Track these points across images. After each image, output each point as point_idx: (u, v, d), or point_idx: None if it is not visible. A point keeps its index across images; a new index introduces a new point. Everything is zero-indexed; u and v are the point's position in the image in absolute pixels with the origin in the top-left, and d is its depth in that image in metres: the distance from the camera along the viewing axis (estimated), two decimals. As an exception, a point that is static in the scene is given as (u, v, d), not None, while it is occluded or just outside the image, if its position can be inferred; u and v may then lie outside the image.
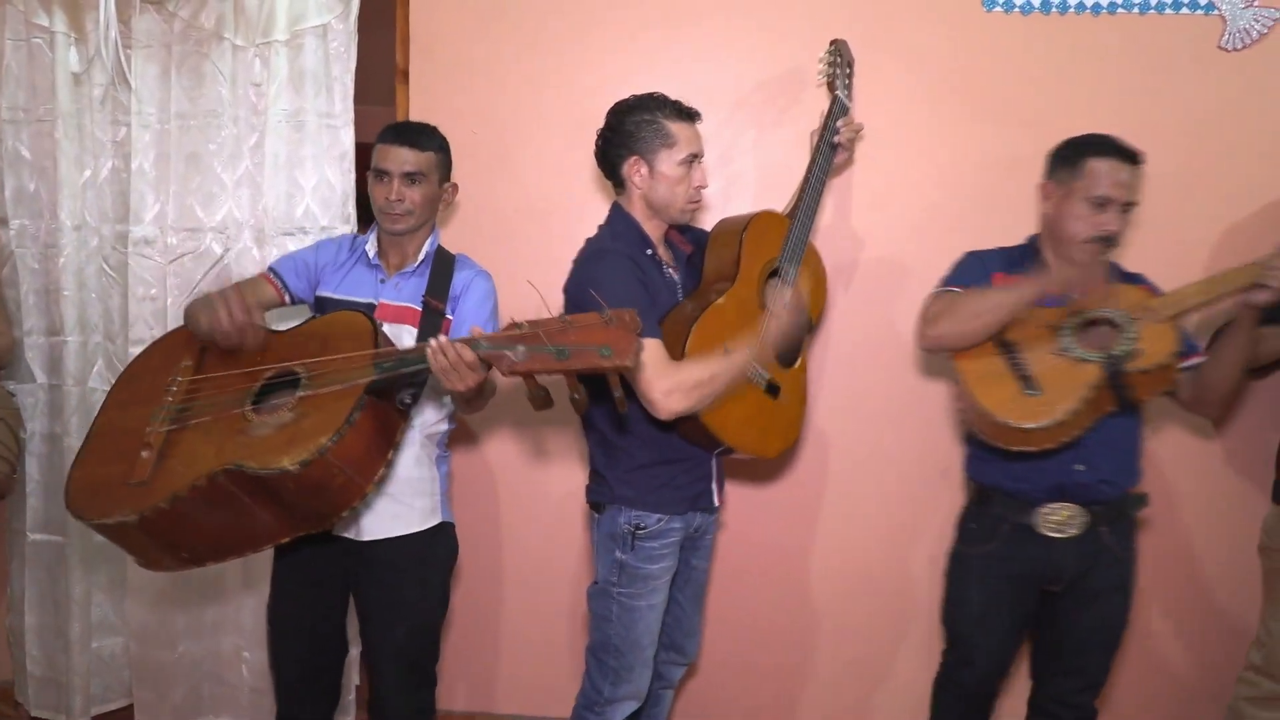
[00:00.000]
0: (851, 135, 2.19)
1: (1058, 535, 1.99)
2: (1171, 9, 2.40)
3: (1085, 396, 1.83)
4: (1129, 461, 2.03)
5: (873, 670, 2.65)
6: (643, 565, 1.94)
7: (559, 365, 1.44)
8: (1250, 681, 2.32)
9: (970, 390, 1.94)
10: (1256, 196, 2.37)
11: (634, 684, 2.00)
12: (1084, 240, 1.97)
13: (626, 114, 1.94)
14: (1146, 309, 1.91)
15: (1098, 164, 1.97)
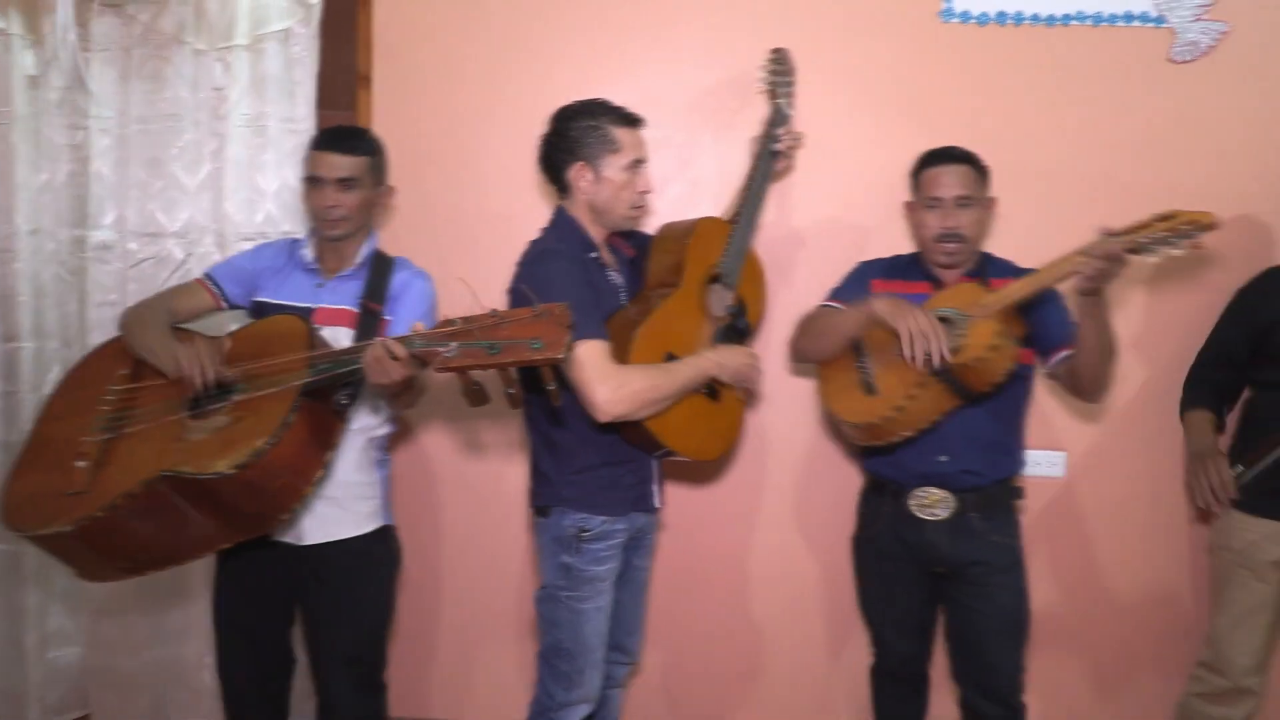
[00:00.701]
0: (791, 143, 2.23)
1: (929, 518, 2.13)
2: (1123, 21, 2.45)
3: (913, 393, 1.97)
4: (994, 453, 2.13)
5: (817, 670, 2.68)
6: (589, 568, 1.96)
7: (491, 360, 1.46)
8: (1200, 678, 2.38)
9: (821, 393, 2.18)
10: (1205, 206, 2.41)
11: (586, 687, 2.02)
12: (934, 240, 2.12)
13: (571, 119, 1.96)
14: (979, 305, 1.99)
15: (927, 172, 2.15)
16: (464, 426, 2.63)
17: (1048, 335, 2.12)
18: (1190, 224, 1.84)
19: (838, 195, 2.53)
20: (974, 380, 1.97)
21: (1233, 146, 2.45)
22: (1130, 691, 2.65)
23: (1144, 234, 1.86)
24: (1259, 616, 2.27)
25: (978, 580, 2.14)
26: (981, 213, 2.16)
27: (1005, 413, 2.15)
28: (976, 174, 2.15)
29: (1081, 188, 2.46)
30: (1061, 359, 2.10)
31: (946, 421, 2.06)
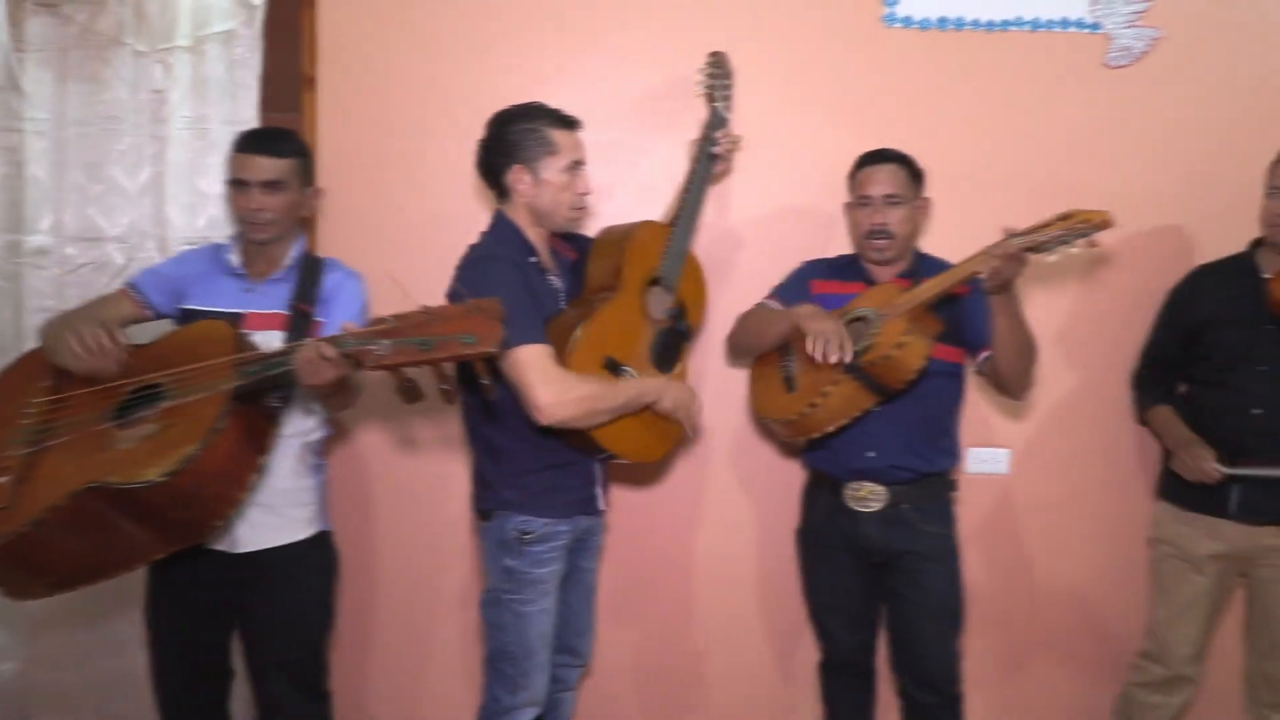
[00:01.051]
0: (730, 146, 2.26)
1: (862, 509, 2.19)
2: (1060, 27, 2.51)
3: (827, 390, 2.04)
4: (922, 449, 2.19)
5: (768, 666, 2.70)
6: (531, 570, 1.96)
7: (423, 356, 1.47)
8: (1140, 667, 2.45)
9: (750, 390, 2.27)
10: (1140, 210, 2.48)
11: (532, 690, 2.02)
12: (865, 237, 2.21)
13: (508, 123, 1.97)
14: (893, 305, 2.06)
15: (861, 172, 2.24)
16: (404, 430, 2.61)
17: (973, 335, 2.18)
18: (1085, 223, 1.89)
19: (779, 197, 2.55)
20: (887, 377, 2.02)
21: (1164, 150, 2.51)
22: (1070, 681, 2.70)
23: (1043, 233, 1.92)
24: (1197, 608, 2.34)
25: (910, 569, 2.20)
26: (912, 212, 2.22)
27: (934, 410, 2.21)
28: (908, 174, 2.21)
29: (1019, 190, 2.51)
30: (986, 358, 2.17)
31: (875, 419, 2.12)
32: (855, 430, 2.13)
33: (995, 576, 2.66)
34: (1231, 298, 2.27)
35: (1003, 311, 2.03)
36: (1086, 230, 1.90)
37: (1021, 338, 2.07)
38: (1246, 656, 2.44)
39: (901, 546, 2.19)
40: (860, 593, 2.29)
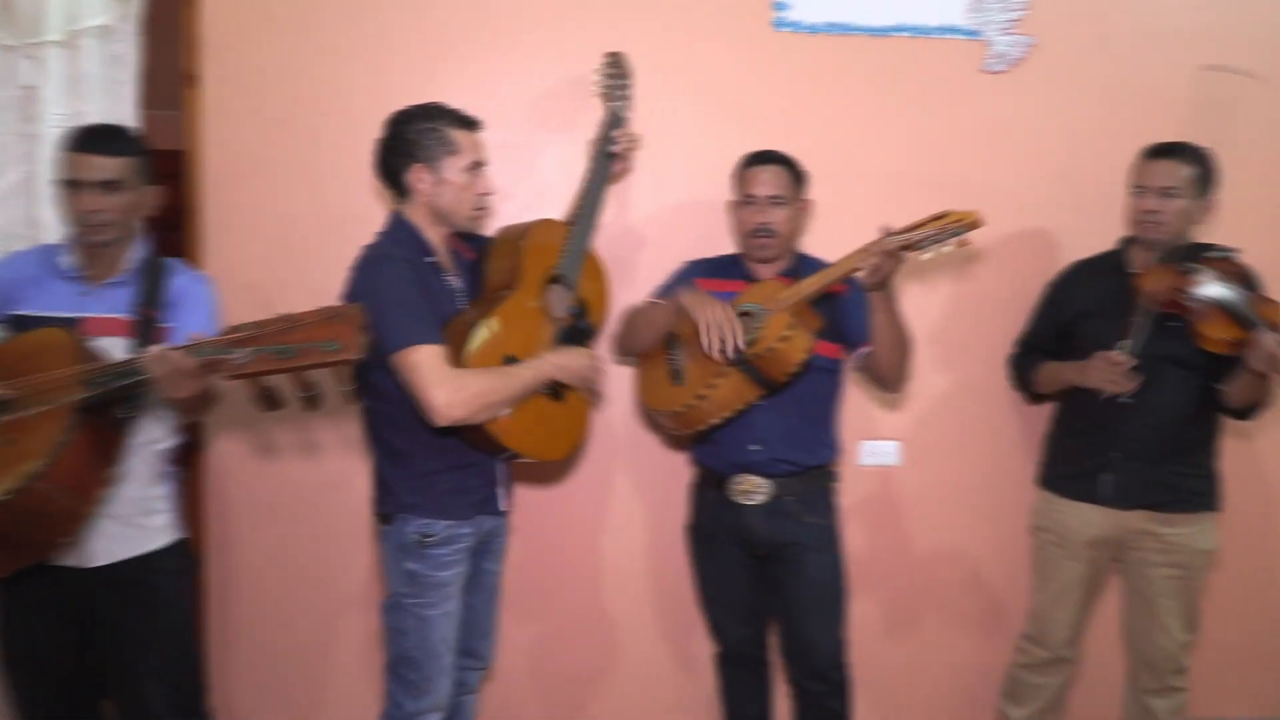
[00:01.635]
0: (628, 145, 2.28)
1: (747, 502, 2.24)
2: (940, 33, 2.60)
3: (713, 382, 2.08)
4: (804, 443, 2.25)
5: (669, 662, 2.74)
6: (433, 573, 1.95)
7: (285, 364, 1.44)
8: (1024, 649, 2.55)
9: (636, 384, 2.29)
10: (1016, 210, 2.59)
11: (435, 695, 2.00)
12: (748, 235, 2.26)
13: (407, 123, 1.95)
14: (776, 300, 2.11)
15: (746, 172, 2.29)
16: (302, 437, 2.56)
17: (851, 331, 2.24)
18: (958, 222, 1.99)
19: (676, 196, 2.59)
20: (771, 370, 2.07)
21: (1039, 152, 2.63)
22: (965, 663, 2.81)
23: (918, 232, 2.01)
24: (1073, 593, 2.44)
25: (794, 560, 2.25)
26: (795, 212, 2.28)
27: (814, 405, 2.28)
28: (792, 176, 2.27)
29: (901, 191, 2.58)
30: (864, 353, 2.23)
31: (758, 414, 2.16)
32: (740, 425, 2.17)
33: (890, 564, 2.74)
34: (1102, 292, 2.37)
35: (881, 308, 2.11)
36: (959, 230, 1.99)
37: (898, 333, 2.15)
38: (1125, 641, 2.55)
39: (785, 538, 2.24)
40: (748, 585, 2.33)
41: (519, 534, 2.53)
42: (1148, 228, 2.30)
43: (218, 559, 2.55)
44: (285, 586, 2.60)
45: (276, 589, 2.59)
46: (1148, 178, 2.30)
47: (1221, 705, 2.90)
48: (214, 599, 2.57)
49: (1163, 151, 2.30)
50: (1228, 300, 2.16)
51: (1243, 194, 2.49)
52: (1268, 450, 2.80)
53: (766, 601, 2.36)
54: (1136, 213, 2.33)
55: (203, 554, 2.53)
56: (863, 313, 2.20)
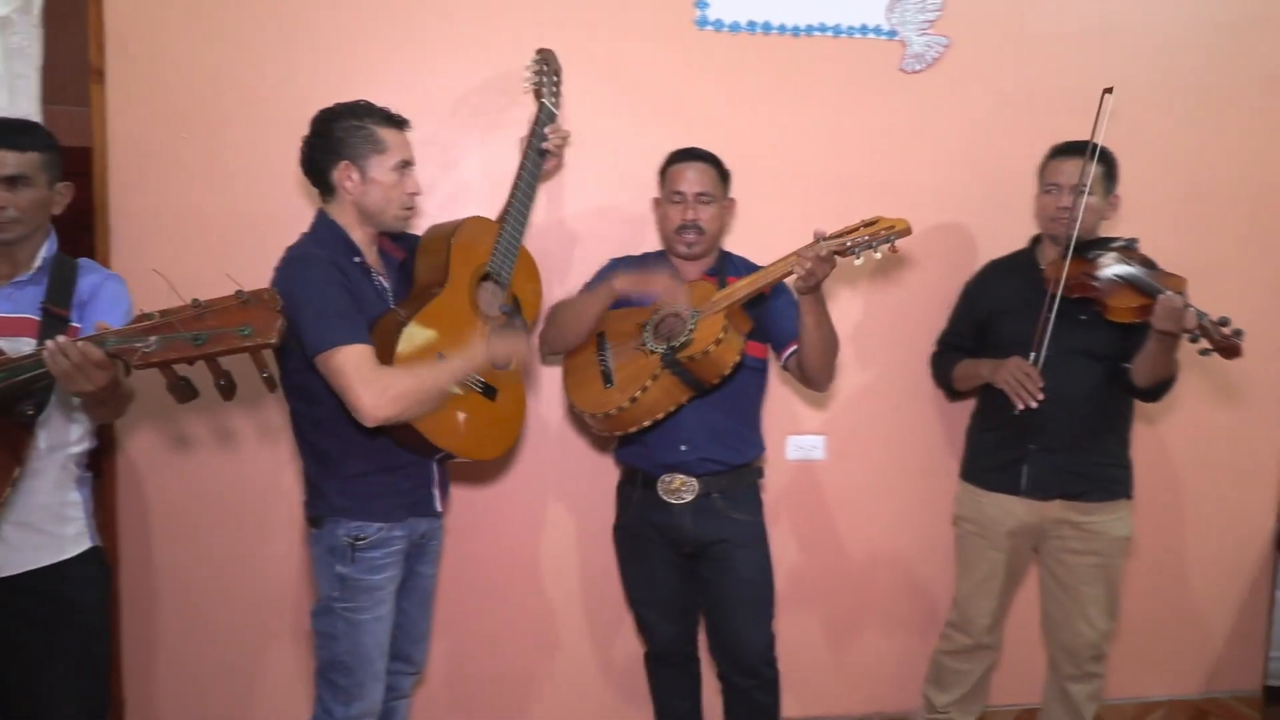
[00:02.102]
0: (559, 142, 2.27)
1: (675, 501, 2.25)
2: (859, 33, 2.64)
3: (646, 385, 2.08)
4: (731, 441, 2.27)
5: (600, 661, 2.74)
6: (365, 576, 1.91)
7: (197, 351, 1.41)
8: (948, 636, 2.60)
9: (564, 385, 2.26)
10: (930, 199, 2.65)
11: (367, 700, 1.96)
12: (675, 232, 2.27)
13: (334, 120, 1.92)
14: (708, 302, 2.13)
15: (672, 169, 2.31)
16: (228, 441, 2.49)
17: (779, 331, 2.27)
18: (889, 229, 2.03)
19: (607, 193, 2.58)
20: (703, 372, 2.09)
21: (955, 151, 2.69)
22: (891, 650, 2.86)
23: (849, 238, 2.03)
24: (995, 581, 2.50)
25: (721, 556, 2.26)
26: (721, 210, 2.30)
27: (741, 404, 2.30)
28: (718, 173, 2.29)
29: (822, 189, 2.64)
30: (791, 352, 2.25)
31: (686, 414, 2.17)
32: (668, 425, 2.18)
33: (817, 557, 2.78)
34: (1016, 289, 2.43)
35: (811, 310, 2.12)
36: (890, 236, 2.03)
37: (827, 334, 2.17)
38: (1044, 629, 2.61)
39: (714, 535, 2.25)
40: (676, 584, 2.34)
41: (455, 534, 2.51)
42: (1060, 224, 2.36)
43: (135, 565, 2.47)
44: (207, 591, 2.52)
45: (198, 594, 2.52)
46: (1059, 176, 2.36)
47: (1138, 686, 3.00)
48: (133, 607, 2.49)
49: (1072, 150, 2.37)
50: (1131, 275, 2.26)
51: (1139, 192, 2.58)
52: (1171, 434, 2.91)
53: (695, 599, 2.37)
54: (1049, 210, 2.38)
55: (118, 561, 2.45)
56: (789, 313, 2.23)
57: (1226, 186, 2.81)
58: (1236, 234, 2.84)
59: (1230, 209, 2.83)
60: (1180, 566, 2.97)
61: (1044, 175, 2.40)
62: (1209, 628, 3.01)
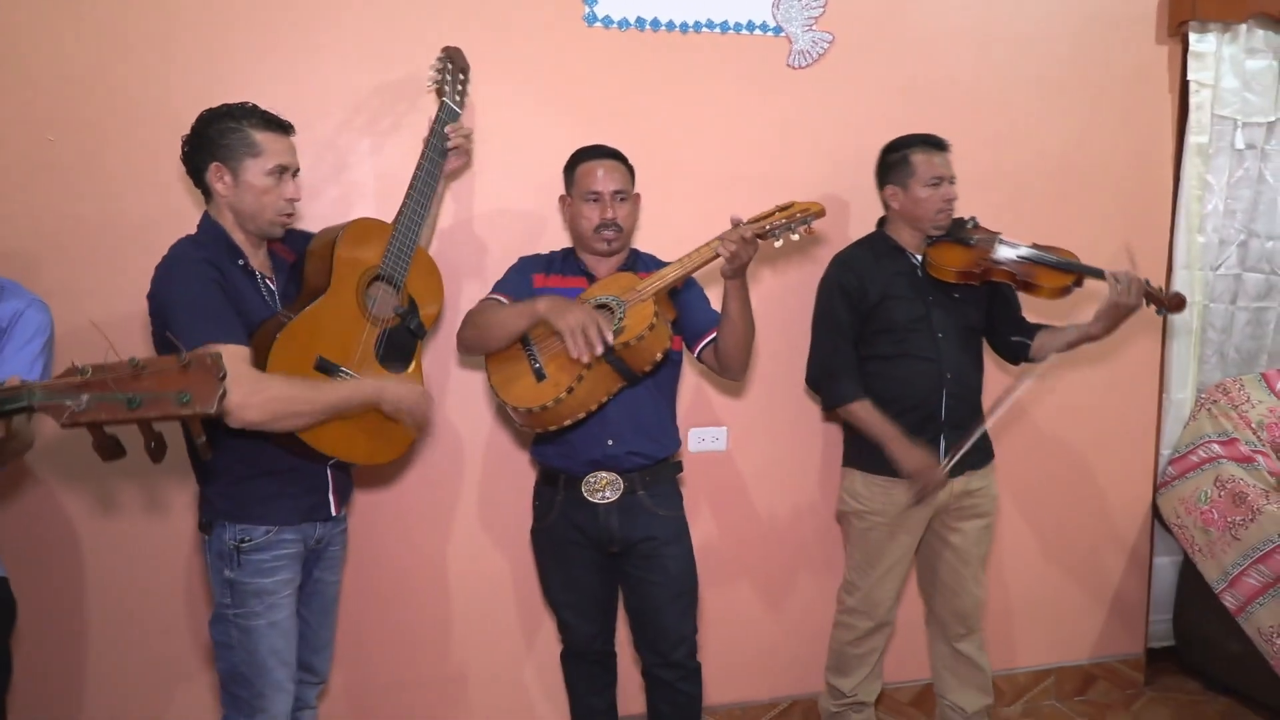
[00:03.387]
0: (460, 141, 2.24)
1: (600, 501, 2.24)
2: (746, 30, 2.68)
3: (581, 375, 2.06)
4: (656, 434, 2.27)
5: (514, 662, 2.72)
6: (253, 580, 1.89)
7: (131, 415, 1.29)
8: (848, 624, 2.65)
9: (493, 385, 2.18)
10: (816, 192, 2.69)
11: (270, 712, 1.92)
12: (594, 231, 2.25)
13: (211, 121, 1.89)
14: (634, 291, 2.15)
15: (584, 167, 2.29)
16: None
17: (693, 322, 2.29)
18: (805, 212, 2.12)
19: (511, 191, 2.57)
20: (635, 360, 2.09)
21: (839, 143, 2.75)
22: (796, 632, 2.92)
23: (768, 221, 2.10)
24: (903, 565, 2.58)
25: (649, 554, 2.27)
26: (634, 207, 2.32)
27: (661, 395, 2.31)
28: (628, 170, 2.31)
29: (713, 183, 2.67)
30: (709, 343, 2.27)
31: (610, 409, 2.17)
32: (594, 420, 2.16)
33: (721, 547, 2.81)
34: (894, 275, 2.49)
35: (736, 295, 2.14)
36: (807, 218, 2.11)
37: (748, 320, 2.19)
38: (934, 598, 2.69)
39: (640, 533, 2.25)
40: (597, 584, 2.34)
41: (359, 538, 2.45)
42: (947, 215, 2.47)
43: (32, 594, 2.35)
44: (103, 610, 2.42)
45: (92, 612, 2.42)
46: (943, 169, 2.45)
47: (1029, 656, 3.13)
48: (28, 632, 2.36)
49: (943, 145, 2.49)
50: (1036, 255, 2.44)
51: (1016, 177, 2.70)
52: (1046, 403, 3.03)
53: (614, 597, 2.38)
54: (938, 202, 2.44)
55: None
56: (701, 304, 2.29)
57: (1092, 172, 2.95)
58: (1101, 215, 2.98)
59: (1095, 193, 2.97)
60: (1063, 538, 3.11)
61: (921, 170, 2.44)
62: (1093, 596, 3.16)
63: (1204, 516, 2.94)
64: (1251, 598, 2.80)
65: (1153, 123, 3.02)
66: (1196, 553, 2.97)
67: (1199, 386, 3.16)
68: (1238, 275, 3.16)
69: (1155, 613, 3.24)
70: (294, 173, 1.95)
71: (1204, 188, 3.04)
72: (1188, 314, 3.05)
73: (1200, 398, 3.13)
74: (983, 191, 2.76)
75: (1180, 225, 3.04)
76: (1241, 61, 3.00)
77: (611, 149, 2.30)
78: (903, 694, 3.01)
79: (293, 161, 1.94)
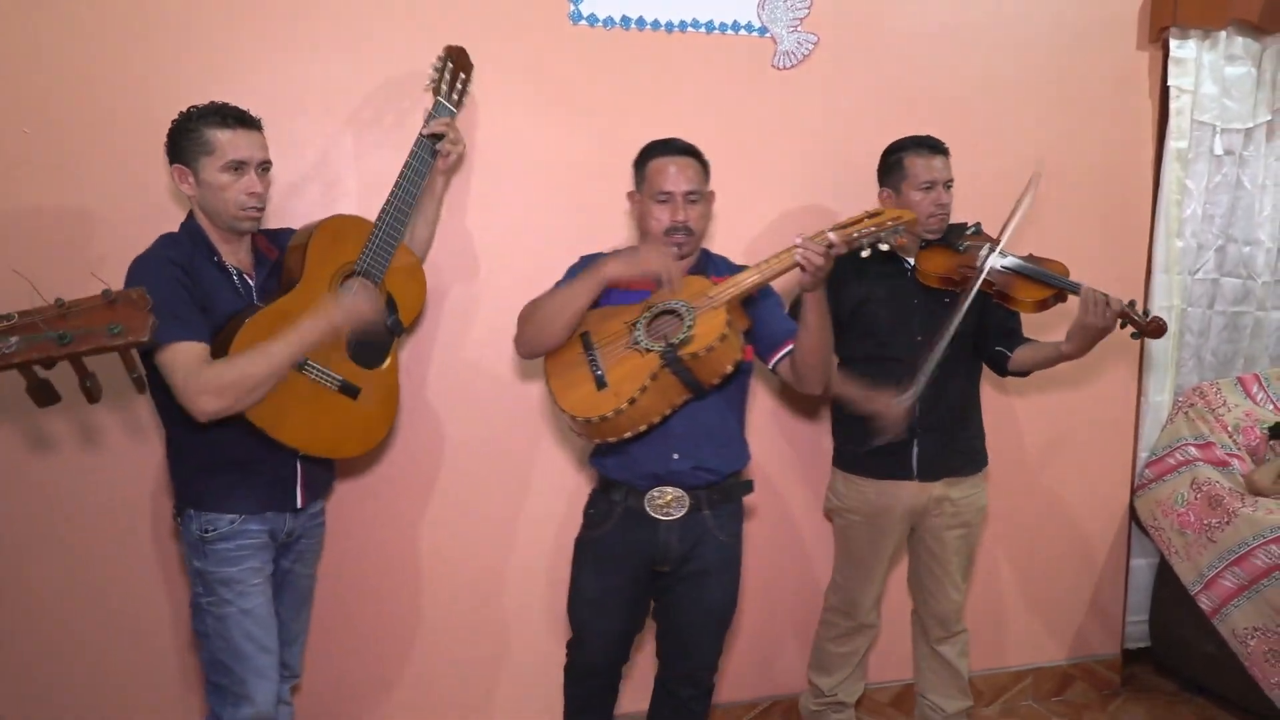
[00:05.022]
0: (447, 135, 2.19)
1: (664, 518, 2.13)
2: (732, 30, 2.68)
3: (645, 385, 1.96)
4: (726, 448, 2.16)
5: (492, 666, 2.71)
6: (219, 569, 1.92)
7: (63, 351, 1.37)
8: (831, 623, 2.67)
9: (551, 391, 2.08)
10: (801, 192, 2.71)
11: (257, 703, 1.94)
12: (664, 234, 2.13)
13: (176, 125, 1.94)
14: (706, 298, 2.03)
15: (655, 164, 2.17)
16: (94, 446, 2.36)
17: (769, 333, 2.17)
18: (896, 220, 2.01)
19: (495, 189, 2.54)
20: (703, 372, 1.99)
21: (823, 144, 2.75)
22: (776, 631, 2.92)
23: (855, 229, 2.00)
24: (881, 566, 2.59)
25: (697, 578, 2.17)
26: (707, 207, 2.20)
27: (730, 406, 2.18)
28: (702, 168, 2.18)
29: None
30: (785, 355, 2.14)
31: (675, 420, 2.06)
32: (658, 432, 2.06)
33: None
34: (879, 278, 2.48)
35: (815, 308, 2.02)
36: (899, 228, 2.00)
37: (829, 332, 2.09)
38: (916, 599, 2.72)
39: (695, 557, 2.15)
40: (635, 600, 2.23)
41: (334, 533, 2.43)
42: (940, 220, 2.45)
43: None
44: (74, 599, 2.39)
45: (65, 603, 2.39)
46: (935, 173, 2.41)
47: (1007, 656, 3.15)
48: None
49: (940, 148, 2.45)
50: (1020, 266, 2.39)
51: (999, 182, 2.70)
52: (1024, 405, 3.05)
53: (645, 612, 2.29)
54: (930, 207, 2.41)
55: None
56: (779, 314, 2.19)
57: (1073, 177, 2.96)
58: (1081, 219, 3.00)
59: (1076, 197, 2.99)
60: (1041, 539, 3.12)
61: (913, 173, 2.41)
62: (1070, 597, 3.18)
63: (1180, 519, 2.97)
64: (1226, 600, 2.82)
65: (1133, 128, 3.04)
66: (1173, 554, 2.99)
67: (1176, 390, 3.19)
68: (1215, 280, 3.19)
69: (1132, 614, 3.26)
70: (259, 167, 1.94)
71: (1183, 193, 3.07)
72: (1166, 318, 3.06)
73: (1178, 401, 3.15)
74: (963, 194, 2.75)
75: (1159, 230, 3.06)
76: (1221, 68, 3.02)
77: (685, 144, 2.18)
78: (882, 694, 3.02)
79: (253, 155, 1.93)
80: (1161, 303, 3.07)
